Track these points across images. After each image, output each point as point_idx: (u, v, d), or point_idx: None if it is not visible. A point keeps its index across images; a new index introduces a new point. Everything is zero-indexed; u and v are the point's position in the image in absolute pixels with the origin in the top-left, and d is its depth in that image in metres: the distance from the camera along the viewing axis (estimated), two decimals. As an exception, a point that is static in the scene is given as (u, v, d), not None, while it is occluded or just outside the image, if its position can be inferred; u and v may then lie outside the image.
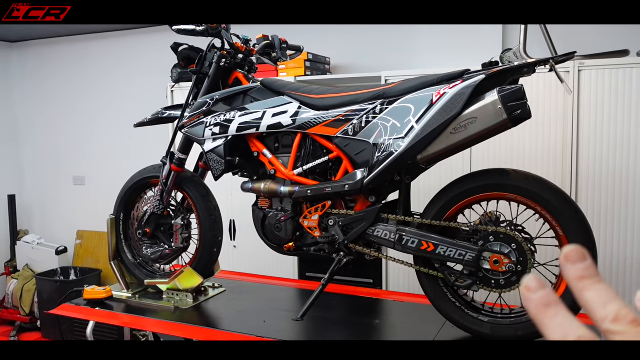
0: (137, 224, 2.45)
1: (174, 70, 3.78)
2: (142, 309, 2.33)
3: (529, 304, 0.44)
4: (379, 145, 1.85)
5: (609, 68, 2.70)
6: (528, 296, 0.44)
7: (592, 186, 2.77)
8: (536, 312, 0.44)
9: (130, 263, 2.53)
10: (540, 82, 2.78)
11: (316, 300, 2.04)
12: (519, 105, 1.63)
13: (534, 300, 0.44)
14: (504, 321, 1.82)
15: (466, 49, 3.40)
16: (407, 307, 2.32)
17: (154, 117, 2.44)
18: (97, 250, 5.03)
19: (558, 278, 1.81)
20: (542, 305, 0.44)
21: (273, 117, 2.06)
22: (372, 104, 1.90)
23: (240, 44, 2.29)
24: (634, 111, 2.67)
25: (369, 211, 1.96)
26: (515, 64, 1.72)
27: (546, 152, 2.84)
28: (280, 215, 2.11)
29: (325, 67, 3.70)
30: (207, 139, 2.17)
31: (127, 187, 2.51)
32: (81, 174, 5.19)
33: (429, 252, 1.84)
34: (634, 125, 2.67)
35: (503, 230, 1.78)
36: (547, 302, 0.44)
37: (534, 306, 0.44)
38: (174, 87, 3.80)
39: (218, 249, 2.38)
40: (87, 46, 5.02)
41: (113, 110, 4.94)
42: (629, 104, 2.67)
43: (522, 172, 1.81)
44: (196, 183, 2.37)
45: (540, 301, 0.44)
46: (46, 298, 4.55)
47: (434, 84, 1.80)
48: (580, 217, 1.73)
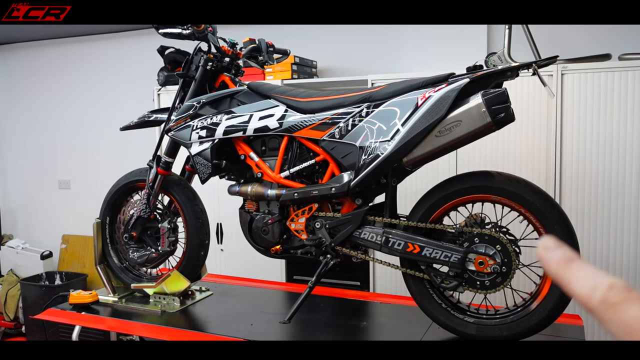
0: (124, 227, 2.44)
1: (160, 73, 3.78)
2: (128, 313, 2.32)
3: (550, 263, 0.42)
4: (365, 148, 1.86)
5: (591, 72, 2.74)
6: (547, 255, 0.42)
7: (575, 188, 2.81)
8: (559, 269, 0.42)
9: (117, 267, 2.52)
10: (525, 85, 2.81)
11: (303, 302, 2.05)
12: (502, 109, 1.65)
13: (554, 258, 0.42)
14: (489, 322, 1.84)
15: (451, 52, 3.43)
16: (393, 308, 2.33)
17: (140, 120, 2.43)
18: (83, 254, 4.99)
19: (542, 278, 1.83)
20: (565, 261, 0.41)
21: (260, 121, 2.07)
22: (358, 107, 1.91)
23: (226, 48, 2.29)
24: (615, 114, 2.71)
25: (356, 214, 1.97)
26: (499, 68, 1.74)
27: (530, 154, 2.88)
28: (267, 218, 2.11)
29: (312, 70, 3.72)
30: (194, 142, 2.17)
31: (114, 191, 2.50)
32: (66, 178, 5.15)
33: (415, 254, 1.85)
34: (616, 127, 2.72)
35: (488, 232, 1.80)
36: (569, 257, 0.42)
37: (556, 264, 0.42)
38: (160, 90, 3.79)
39: (205, 252, 2.38)
40: (72, 49, 4.99)
41: (99, 113, 4.91)
42: (611, 106, 2.72)
43: (506, 174, 1.83)
44: (183, 186, 2.37)
45: (563, 257, 0.42)
46: (31, 303, 4.50)
47: (419, 88, 1.82)
48: (563, 218, 1.75)
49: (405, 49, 3.65)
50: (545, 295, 1.77)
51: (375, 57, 3.78)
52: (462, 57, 3.30)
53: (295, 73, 3.49)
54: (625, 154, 2.71)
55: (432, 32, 3.49)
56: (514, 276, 1.78)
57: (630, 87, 2.68)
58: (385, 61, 3.74)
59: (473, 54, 3.27)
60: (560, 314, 1.79)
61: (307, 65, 3.65)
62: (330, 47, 3.92)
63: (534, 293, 1.84)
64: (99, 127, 4.90)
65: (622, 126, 2.71)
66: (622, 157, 2.72)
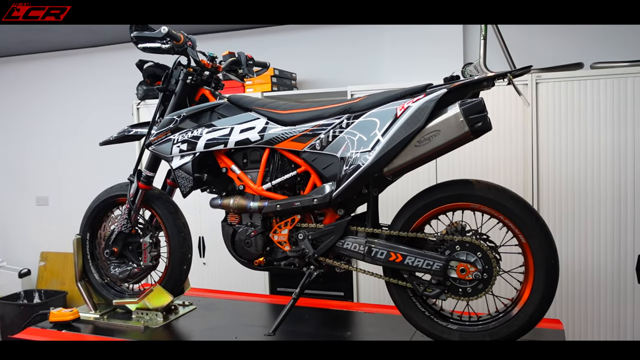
0: (105, 243, 2.41)
1: (139, 87, 3.77)
2: (110, 330, 2.30)
3: None
4: (346, 158, 1.88)
5: (564, 80, 2.81)
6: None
7: (552, 194, 2.86)
8: None
9: (98, 283, 2.49)
10: (501, 94, 2.87)
11: (287, 314, 2.05)
12: (479, 118, 1.68)
13: None
14: (472, 328, 1.86)
15: (428, 63, 3.49)
16: (377, 318, 2.34)
17: (120, 135, 2.42)
18: (62, 271, 4.91)
19: (522, 284, 1.86)
20: None
21: (241, 133, 2.07)
22: (339, 118, 1.93)
23: (206, 61, 2.29)
24: (589, 120, 2.78)
25: (338, 224, 1.98)
26: (476, 78, 1.78)
27: (508, 162, 2.93)
28: (250, 231, 2.11)
29: (292, 82, 3.74)
30: (175, 156, 2.16)
31: (94, 206, 2.48)
32: (44, 194, 5.07)
33: (398, 262, 1.87)
34: (590, 134, 2.78)
35: (469, 240, 1.82)
36: None
37: None
38: (140, 105, 3.77)
39: (188, 266, 2.36)
40: (50, 64, 4.95)
41: (77, 128, 4.86)
42: (585, 113, 2.79)
43: (485, 182, 1.86)
44: (164, 200, 2.36)
45: None
46: (9, 322, 4.42)
47: (398, 98, 1.85)
48: (542, 225, 1.78)
49: (383, 60, 3.69)
50: (526, 301, 1.80)
51: (353, 68, 3.82)
52: (439, 68, 3.36)
53: (275, 85, 3.51)
54: (600, 159, 2.78)
55: (410, 43, 3.54)
56: (495, 282, 1.81)
57: (602, 95, 2.75)
58: (363, 72, 3.79)
59: (449, 65, 3.33)
60: (541, 318, 1.82)
61: (286, 78, 3.67)
62: (309, 59, 3.95)
63: (515, 299, 1.87)
64: (78, 142, 4.85)
65: (596, 133, 2.77)
66: (596, 163, 2.78)
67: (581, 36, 3.26)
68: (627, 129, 2.73)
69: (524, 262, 1.84)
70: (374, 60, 3.76)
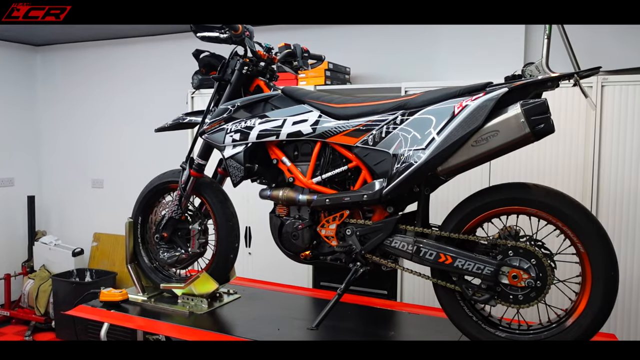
0: (155, 228, 2.46)
1: (194, 76, 3.83)
2: (157, 313, 2.34)
3: None
4: (398, 156, 1.84)
5: (632, 84, 2.67)
6: None
7: (613, 203, 2.73)
8: None
9: (147, 267, 2.54)
10: (562, 96, 2.75)
11: (331, 309, 2.03)
12: (542, 119, 1.62)
13: None
14: (522, 337, 1.80)
15: (486, 61, 3.38)
16: (422, 319, 2.30)
17: (174, 122, 2.45)
18: (113, 253, 5.07)
19: (578, 295, 1.78)
20: None
21: (293, 125, 2.07)
22: (393, 114, 1.90)
23: (262, 52, 2.30)
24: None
25: (387, 222, 1.95)
26: (539, 78, 1.71)
27: (566, 167, 2.81)
28: (297, 224, 2.11)
29: (345, 76, 3.71)
30: (227, 146, 2.18)
31: (146, 191, 2.53)
32: (100, 177, 5.24)
33: (447, 264, 1.82)
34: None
35: (523, 245, 1.76)
36: None
37: None
38: (194, 94, 3.83)
39: (234, 255, 2.38)
40: (109, 51, 5.10)
41: (133, 114, 5.00)
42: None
43: (544, 186, 1.79)
44: (215, 189, 2.38)
45: None
46: (61, 299, 4.59)
47: (456, 96, 1.80)
48: (602, 234, 1.70)
49: (440, 56, 3.61)
50: (581, 313, 1.72)
51: (408, 64, 3.76)
52: (498, 66, 3.25)
53: (328, 79, 3.49)
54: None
55: (467, 40, 3.44)
56: (549, 291, 1.74)
57: (673, 101, 2.60)
58: (418, 69, 3.71)
59: (509, 64, 3.21)
60: (597, 332, 1.73)
61: (340, 72, 3.64)
62: (364, 54, 3.91)
63: (570, 309, 1.79)
64: (133, 128, 4.98)
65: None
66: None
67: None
68: (699, 138, 2.57)
69: (580, 272, 1.75)
70: (429, 56, 3.68)
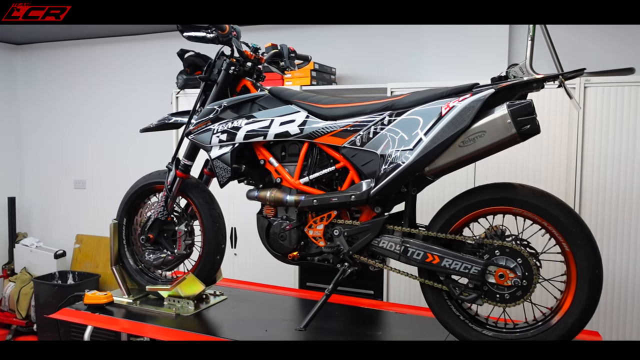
0: (140, 229, 2.44)
1: (179, 76, 3.80)
2: (142, 315, 2.32)
3: None
4: (386, 156, 1.85)
5: (614, 85, 2.72)
6: None
7: (595, 202, 2.77)
8: None
9: (132, 269, 2.52)
10: (545, 97, 2.79)
11: (319, 310, 2.03)
12: (528, 120, 1.64)
13: None
14: (508, 336, 1.81)
15: (471, 62, 3.41)
16: (409, 319, 2.31)
17: (160, 122, 2.43)
18: (96, 255, 5.01)
19: (563, 293, 1.80)
20: None
21: (280, 126, 2.06)
22: (381, 115, 1.90)
23: (249, 52, 2.29)
24: (638, 128, 2.68)
25: (375, 222, 1.96)
26: (525, 79, 1.73)
27: (550, 167, 2.85)
28: (285, 224, 2.10)
29: (331, 77, 3.72)
30: (214, 146, 2.17)
31: (132, 192, 2.51)
32: (82, 178, 5.18)
33: (434, 264, 1.83)
34: (639, 142, 2.68)
35: (509, 245, 1.77)
36: None
37: None
38: (179, 94, 3.81)
39: (221, 256, 2.37)
40: (92, 50, 5.04)
41: (117, 115, 4.94)
42: (634, 121, 2.69)
43: (530, 187, 1.81)
44: (201, 190, 2.37)
45: None
46: (43, 302, 4.53)
47: (443, 97, 1.81)
48: (587, 233, 1.73)
49: (425, 58, 3.63)
50: (566, 311, 1.75)
51: (394, 65, 3.77)
52: (482, 68, 3.28)
53: (314, 79, 3.49)
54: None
55: (452, 42, 3.47)
56: (535, 290, 1.76)
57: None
58: (404, 70, 3.73)
59: (493, 65, 3.25)
60: (581, 330, 1.76)
61: (326, 72, 3.64)
62: (349, 55, 3.91)
63: (555, 308, 1.81)
64: (117, 128, 4.93)
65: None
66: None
67: (633, 40, 3.14)
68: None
69: (566, 271, 1.78)
70: (414, 57, 3.70)
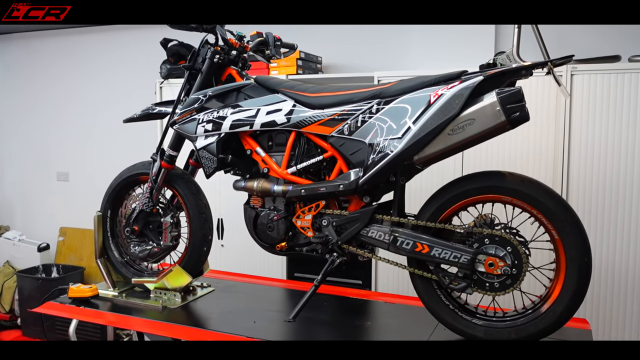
0: (125, 221, 2.40)
1: (162, 66, 3.74)
2: (128, 308, 2.29)
3: None
4: (374, 145, 1.83)
5: (600, 73, 2.72)
6: None
7: (582, 189, 2.78)
8: None
9: (117, 261, 2.48)
10: (532, 85, 2.78)
11: (308, 301, 2.02)
12: (517, 107, 1.62)
13: None
14: (498, 324, 1.81)
15: (458, 50, 3.40)
16: (398, 308, 2.30)
17: (144, 112, 2.39)
18: (80, 247, 4.95)
19: (552, 281, 1.80)
20: None
21: (267, 115, 2.03)
22: (369, 103, 1.88)
23: (234, 40, 2.25)
24: (625, 115, 2.69)
25: (363, 212, 1.94)
26: (514, 66, 1.71)
27: (537, 154, 2.85)
28: (272, 215, 2.08)
29: (317, 66, 3.68)
30: (199, 136, 2.13)
31: (116, 184, 2.46)
32: (65, 170, 5.10)
33: (424, 253, 1.82)
34: (625, 129, 2.69)
35: (498, 233, 1.77)
36: None
37: None
38: (163, 83, 3.75)
39: (208, 247, 2.34)
40: (73, 41, 4.94)
41: (100, 105, 4.86)
42: (620, 108, 2.69)
43: (519, 175, 1.80)
44: (186, 180, 2.33)
45: None
46: (27, 295, 4.47)
47: (431, 85, 1.79)
48: (576, 221, 1.73)
49: (412, 46, 3.61)
50: (555, 299, 1.75)
51: (381, 53, 3.74)
52: (469, 55, 3.27)
53: (300, 68, 3.45)
54: (634, 155, 2.68)
55: (439, 30, 3.45)
56: (524, 278, 1.75)
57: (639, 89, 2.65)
58: (391, 58, 3.70)
59: (480, 53, 3.24)
60: (570, 317, 1.76)
61: (312, 61, 3.61)
62: (335, 43, 3.87)
63: (544, 296, 1.81)
64: (100, 119, 4.85)
65: (632, 128, 2.68)
66: (630, 159, 2.69)
67: (619, 28, 3.14)
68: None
69: (555, 259, 1.78)
70: (401, 45, 3.67)
